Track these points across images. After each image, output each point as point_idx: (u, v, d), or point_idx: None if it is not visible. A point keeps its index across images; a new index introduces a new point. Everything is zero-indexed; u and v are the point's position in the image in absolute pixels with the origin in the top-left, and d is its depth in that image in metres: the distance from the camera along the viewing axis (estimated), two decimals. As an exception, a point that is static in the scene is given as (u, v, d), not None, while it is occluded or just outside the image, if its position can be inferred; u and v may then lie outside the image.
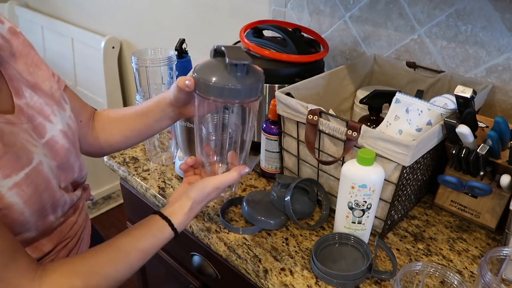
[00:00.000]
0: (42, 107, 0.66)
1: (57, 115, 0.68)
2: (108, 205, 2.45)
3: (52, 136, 0.66)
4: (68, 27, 2.38)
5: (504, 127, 0.79)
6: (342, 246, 0.81)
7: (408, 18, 1.08)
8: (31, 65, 0.67)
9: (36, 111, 0.64)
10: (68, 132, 0.69)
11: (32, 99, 0.65)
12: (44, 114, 0.65)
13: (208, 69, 0.66)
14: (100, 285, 0.61)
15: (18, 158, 0.57)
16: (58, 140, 0.67)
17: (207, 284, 1.04)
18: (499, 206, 0.85)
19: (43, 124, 0.65)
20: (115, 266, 0.63)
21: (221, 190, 0.71)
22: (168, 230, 0.68)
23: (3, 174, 0.55)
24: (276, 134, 0.96)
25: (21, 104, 0.63)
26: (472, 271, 0.79)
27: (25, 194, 0.58)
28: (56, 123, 0.67)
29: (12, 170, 0.56)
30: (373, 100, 0.94)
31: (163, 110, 0.77)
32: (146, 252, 0.67)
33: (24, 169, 0.58)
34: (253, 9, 1.44)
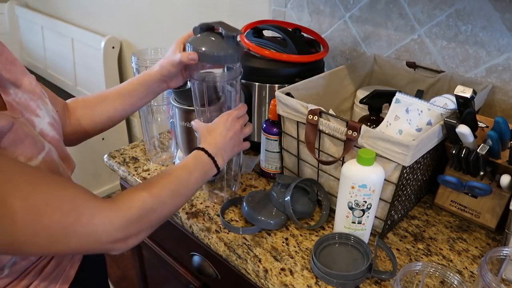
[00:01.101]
0: (27, 103, 0.67)
1: (42, 109, 0.69)
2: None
3: (41, 130, 0.67)
4: (68, 27, 2.38)
5: (504, 127, 0.79)
6: (342, 246, 0.81)
7: (408, 18, 1.08)
8: (6, 63, 0.68)
9: (23, 107, 0.65)
10: (54, 124, 0.71)
11: (17, 95, 0.66)
12: (30, 109, 0.66)
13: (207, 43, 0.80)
14: (161, 195, 0.67)
15: (35, 143, 0.61)
16: (48, 133, 0.68)
17: (207, 284, 1.04)
18: (499, 206, 0.85)
19: (32, 119, 0.66)
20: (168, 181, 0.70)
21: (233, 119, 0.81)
22: (203, 154, 0.75)
23: (26, 158, 0.59)
24: (276, 134, 0.96)
25: (10, 100, 0.64)
26: (472, 271, 0.79)
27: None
28: (43, 117, 0.68)
29: (32, 153, 0.60)
30: (373, 100, 0.94)
31: (149, 87, 0.87)
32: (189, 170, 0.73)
33: (41, 153, 0.61)
34: (253, 9, 1.44)
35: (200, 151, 0.76)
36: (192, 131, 0.95)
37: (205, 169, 0.75)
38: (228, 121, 0.80)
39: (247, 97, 1.04)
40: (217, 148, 0.77)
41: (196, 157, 0.75)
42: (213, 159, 0.75)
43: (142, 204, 0.63)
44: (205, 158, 0.75)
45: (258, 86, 1.04)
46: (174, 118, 1.00)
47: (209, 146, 0.76)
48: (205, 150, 0.75)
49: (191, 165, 0.73)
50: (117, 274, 2.08)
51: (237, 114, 0.82)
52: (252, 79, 1.03)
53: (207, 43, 0.80)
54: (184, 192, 0.71)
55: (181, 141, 1.01)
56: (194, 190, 0.74)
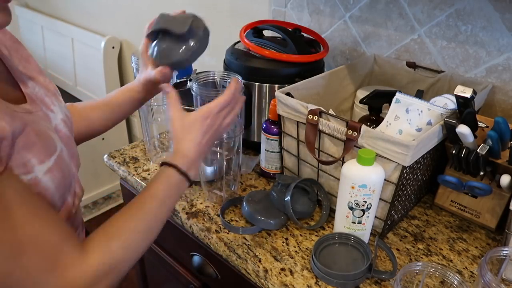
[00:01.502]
0: (43, 98, 0.67)
1: (56, 105, 0.69)
2: (108, 205, 2.45)
3: (56, 125, 0.67)
4: (68, 27, 2.38)
5: (504, 127, 0.79)
6: (342, 246, 0.81)
7: (408, 18, 1.08)
8: (21, 59, 0.69)
9: (40, 101, 0.66)
10: (66, 121, 0.71)
11: (35, 89, 0.66)
12: (46, 104, 0.67)
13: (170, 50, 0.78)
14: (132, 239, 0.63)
15: (47, 145, 0.60)
16: (61, 129, 0.68)
17: (207, 284, 1.04)
18: (499, 206, 0.85)
19: (48, 114, 0.66)
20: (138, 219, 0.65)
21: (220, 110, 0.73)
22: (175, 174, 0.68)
23: (39, 160, 0.57)
24: (276, 134, 0.96)
25: (29, 93, 0.64)
26: (472, 271, 0.79)
27: (56, 179, 0.60)
28: (57, 113, 0.69)
29: (45, 156, 0.59)
30: (373, 100, 0.94)
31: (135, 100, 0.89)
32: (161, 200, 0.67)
33: (53, 155, 0.60)
34: (253, 9, 1.44)
35: (171, 169, 0.68)
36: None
37: (178, 191, 0.69)
38: (205, 122, 0.72)
39: (247, 97, 1.03)
40: (190, 159, 0.70)
41: (167, 180, 0.68)
42: (186, 175, 0.69)
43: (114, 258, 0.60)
44: (177, 179, 0.68)
45: (258, 86, 1.04)
46: (174, 118, 1.00)
47: (181, 159, 0.69)
48: (177, 167, 0.68)
49: (163, 193, 0.67)
50: (117, 274, 2.08)
51: (218, 110, 0.73)
52: (252, 79, 1.03)
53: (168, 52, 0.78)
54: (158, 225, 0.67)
55: (181, 141, 1.01)
56: (166, 219, 0.68)
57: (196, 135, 0.71)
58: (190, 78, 0.98)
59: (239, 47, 1.11)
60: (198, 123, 0.72)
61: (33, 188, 0.57)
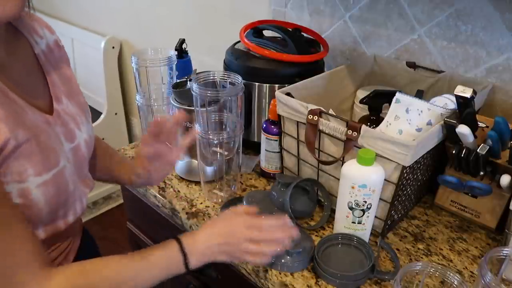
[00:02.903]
0: (75, 116, 0.70)
1: (85, 125, 0.73)
2: (108, 205, 2.45)
3: (79, 143, 0.70)
4: (68, 27, 2.38)
5: (504, 127, 0.79)
6: (344, 246, 0.81)
7: (408, 18, 1.08)
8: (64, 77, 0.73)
9: (70, 118, 0.69)
10: (89, 142, 0.74)
11: (68, 106, 0.70)
12: (76, 121, 0.70)
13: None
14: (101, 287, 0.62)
15: (48, 158, 0.61)
16: (82, 148, 0.71)
17: (207, 284, 1.04)
18: (499, 206, 0.85)
19: (74, 131, 0.69)
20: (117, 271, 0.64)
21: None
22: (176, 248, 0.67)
23: (36, 172, 0.58)
24: (276, 134, 0.96)
25: (59, 109, 0.67)
26: (472, 271, 0.79)
27: (49, 193, 0.61)
28: (83, 132, 0.72)
29: (43, 169, 0.60)
30: (373, 100, 0.94)
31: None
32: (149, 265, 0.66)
33: (53, 170, 0.61)
34: (253, 9, 1.44)
35: (174, 242, 0.67)
36: (191, 131, 0.95)
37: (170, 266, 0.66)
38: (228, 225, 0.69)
39: (247, 97, 1.04)
40: (196, 246, 0.67)
41: (166, 249, 0.66)
42: (185, 256, 0.66)
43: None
44: (175, 254, 0.66)
45: (258, 86, 1.04)
46: (174, 118, 1.00)
47: (189, 241, 0.67)
48: (181, 244, 0.66)
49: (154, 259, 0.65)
50: (117, 274, 2.08)
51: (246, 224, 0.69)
52: (252, 79, 1.03)
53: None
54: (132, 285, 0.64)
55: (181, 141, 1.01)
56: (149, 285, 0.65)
57: (215, 227, 0.69)
58: (190, 78, 0.98)
59: (239, 47, 1.11)
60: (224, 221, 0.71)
61: (22, 198, 0.57)
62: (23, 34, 0.68)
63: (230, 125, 0.93)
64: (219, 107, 0.91)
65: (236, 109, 0.90)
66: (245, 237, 0.68)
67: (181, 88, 0.98)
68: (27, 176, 0.57)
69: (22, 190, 0.57)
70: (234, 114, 0.91)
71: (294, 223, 0.82)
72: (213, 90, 0.86)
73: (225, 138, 0.91)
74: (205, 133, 0.90)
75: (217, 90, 0.89)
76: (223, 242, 0.68)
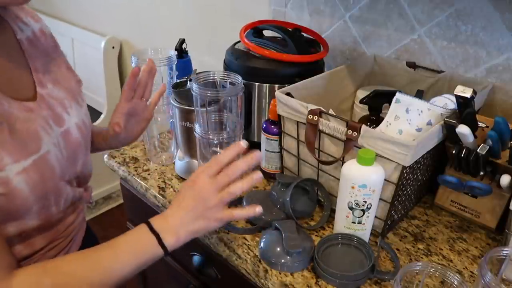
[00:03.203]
0: (62, 100, 0.71)
1: (74, 109, 0.73)
2: (108, 205, 2.45)
3: (68, 128, 0.70)
4: (68, 27, 2.38)
5: (504, 127, 0.79)
6: (344, 246, 0.81)
7: (408, 18, 1.08)
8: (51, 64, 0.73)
9: (57, 102, 0.69)
10: (82, 127, 0.73)
11: (54, 91, 0.70)
12: (64, 105, 0.70)
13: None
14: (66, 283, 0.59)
15: (25, 145, 0.60)
16: (72, 132, 0.70)
17: (207, 284, 1.04)
18: (499, 206, 0.85)
19: (62, 115, 0.69)
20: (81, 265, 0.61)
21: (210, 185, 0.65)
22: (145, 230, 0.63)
23: (13, 159, 0.57)
24: (276, 134, 0.96)
25: (43, 93, 0.67)
26: (472, 271, 0.79)
27: (32, 180, 0.60)
28: (73, 116, 0.71)
29: (21, 156, 0.59)
30: (373, 100, 0.94)
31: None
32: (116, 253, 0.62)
33: (32, 156, 0.60)
34: (253, 9, 1.44)
35: (143, 224, 0.63)
36: (192, 131, 0.95)
37: (144, 250, 0.62)
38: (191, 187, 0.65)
39: (247, 97, 1.04)
40: (167, 222, 0.63)
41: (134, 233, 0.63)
42: (158, 236, 0.62)
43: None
44: (146, 235, 0.62)
45: (258, 86, 1.04)
46: (174, 118, 1.00)
47: (157, 219, 0.64)
48: (149, 224, 0.63)
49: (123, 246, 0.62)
50: (117, 274, 2.08)
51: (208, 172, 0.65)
52: (252, 79, 1.03)
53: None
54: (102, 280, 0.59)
55: (181, 141, 1.01)
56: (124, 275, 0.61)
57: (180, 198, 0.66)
58: (190, 78, 0.98)
59: (239, 47, 1.11)
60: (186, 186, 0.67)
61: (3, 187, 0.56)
62: (7, 22, 0.68)
63: (230, 125, 0.93)
64: (219, 107, 0.91)
65: (236, 109, 0.90)
66: (212, 188, 0.64)
67: (181, 88, 0.98)
68: (4, 165, 0.56)
69: (1, 179, 0.56)
70: (234, 114, 0.91)
71: (294, 223, 0.82)
72: (213, 90, 0.86)
73: (225, 138, 0.91)
74: (205, 133, 0.90)
75: (217, 90, 0.89)
76: (193, 206, 0.64)
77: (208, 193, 0.64)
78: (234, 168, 0.65)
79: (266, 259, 0.79)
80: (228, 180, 0.65)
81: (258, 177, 0.66)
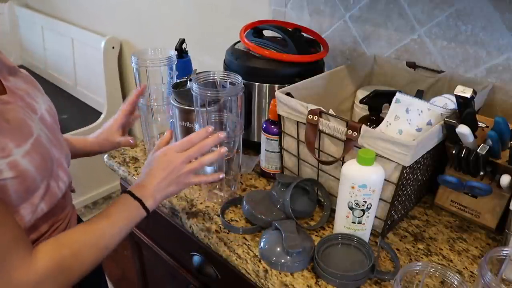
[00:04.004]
0: (27, 90, 0.73)
1: (39, 97, 0.75)
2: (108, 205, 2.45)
3: (42, 114, 0.73)
4: (68, 27, 2.38)
5: (504, 127, 0.79)
6: (344, 246, 0.81)
7: (408, 18, 1.08)
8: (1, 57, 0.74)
9: (24, 92, 0.71)
10: (51, 111, 0.77)
11: (17, 83, 0.72)
12: (30, 95, 0.73)
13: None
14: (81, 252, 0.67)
15: (21, 131, 0.64)
16: (46, 118, 0.74)
17: (207, 284, 1.04)
18: (499, 206, 0.85)
19: (32, 103, 0.72)
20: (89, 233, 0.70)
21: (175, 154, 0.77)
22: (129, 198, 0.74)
23: (15, 144, 0.61)
24: (276, 134, 0.96)
25: (10, 86, 0.69)
26: (472, 271, 0.79)
27: (35, 161, 0.64)
28: (41, 104, 0.75)
29: (21, 140, 0.63)
30: (373, 100, 0.94)
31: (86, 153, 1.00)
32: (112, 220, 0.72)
33: (29, 140, 0.64)
34: (253, 9, 1.44)
35: (126, 194, 0.74)
36: (192, 131, 0.95)
37: (132, 214, 0.73)
38: (162, 159, 0.76)
39: (247, 97, 1.04)
40: (145, 190, 0.74)
41: (122, 202, 0.74)
42: (140, 201, 0.73)
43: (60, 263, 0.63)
44: (131, 202, 0.73)
45: (258, 86, 1.04)
46: (174, 118, 1.00)
47: (137, 188, 0.75)
48: (131, 193, 0.74)
49: (115, 214, 0.72)
50: (116, 274, 2.08)
51: (176, 149, 0.77)
52: (252, 79, 1.03)
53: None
54: (107, 244, 0.70)
55: (181, 141, 1.01)
56: (121, 237, 0.72)
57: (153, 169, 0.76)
58: (190, 78, 0.98)
59: (239, 47, 1.11)
60: (155, 160, 0.77)
61: (14, 170, 0.61)
62: None
63: (230, 125, 0.93)
64: (219, 107, 0.91)
65: (236, 109, 0.90)
66: (182, 159, 0.75)
67: (181, 88, 0.98)
68: (10, 149, 0.61)
69: (11, 163, 0.60)
70: (234, 114, 0.91)
71: (294, 223, 0.82)
72: (213, 90, 0.86)
73: (225, 138, 0.91)
74: (205, 133, 0.90)
75: (217, 90, 0.89)
76: (166, 174, 0.75)
77: (178, 163, 0.75)
78: (202, 144, 0.77)
79: (266, 259, 0.79)
80: (197, 154, 0.77)
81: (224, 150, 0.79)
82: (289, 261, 0.77)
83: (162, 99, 1.05)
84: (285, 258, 0.77)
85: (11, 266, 0.58)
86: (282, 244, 0.78)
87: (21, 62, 2.88)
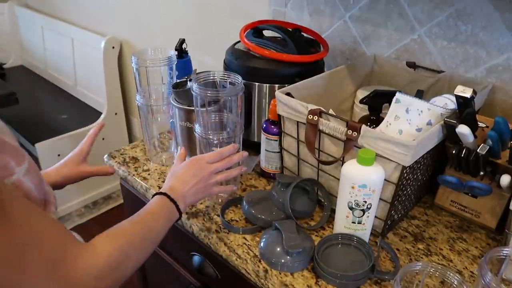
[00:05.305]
0: None
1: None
2: (108, 205, 2.45)
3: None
4: (68, 27, 2.38)
5: (504, 127, 0.79)
6: (344, 246, 0.81)
7: (408, 18, 1.08)
8: None
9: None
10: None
11: None
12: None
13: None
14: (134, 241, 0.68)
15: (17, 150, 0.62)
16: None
17: (207, 284, 1.04)
18: (499, 206, 0.85)
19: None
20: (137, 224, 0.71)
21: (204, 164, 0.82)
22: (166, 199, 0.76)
23: (16, 162, 0.60)
24: (276, 134, 0.96)
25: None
26: (472, 271, 0.79)
27: (34, 180, 0.63)
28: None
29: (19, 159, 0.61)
30: (373, 100, 0.94)
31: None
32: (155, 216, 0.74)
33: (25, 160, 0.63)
34: (253, 9, 1.44)
35: (163, 196, 0.77)
36: (192, 131, 0.95)
37: (170, 216, 0.76)
38: (195, 166, 0.81)
39: (247, 97, 1.04)
40: (178, 193, 0.78)
41: (160, 203, 0.76)
42: (176, 203, 0.76)
43: (120, 249, 0.64)
44: (168, 204, 0.76)
45: (258, 86, 1.04)
46: (174, 118, 1.00)
47: (170, 191, 0.78)
48: (167, 195, 0.77)
49: (158, 211, 0.75)
50: (117, 274, 2.08)
51: (208, 160, 0.82)
52: (252, 79, 1.03)
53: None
54: (153, 239, 0.72)
55: (181, 141, 1.01)
56: (161, 236, 0.74)
57: (182, 176, 0.80)
58: (190, 78, 0.98)
59: (239, 47, 1.11)
60: (186, 167, 0.81)
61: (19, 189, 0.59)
62: None
63: (230, 125, 0.93)
64: (219, 107, 0.91)
65: (236, 109, 0.90)
66: (211, 171, 0.81)
67: (181, 88, 0.98)
68: (13, 167, 0.59)
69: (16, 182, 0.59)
70: (234, 114, 0.91)
71: (294, 223, 0.82)
72: (213, 90, 0.86)
73: (225, 138, 0.91)
74: (205, 133, 0.90)
75: (217, 90, 0.89)
76: (196, 181, 0.80)
77: (207, 173, 0.81)
78: (229, 159, 0.84)
79: (266, 259, 0.79)
80: (224, 167, 0.83)
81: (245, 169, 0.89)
82: (289, 261, 0.77)
83: (162, 99, 1.05)
84: (285, 258, 0.77)
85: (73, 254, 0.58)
86: (282, 244, 0.78)
87: (21, 62, 2.88)
